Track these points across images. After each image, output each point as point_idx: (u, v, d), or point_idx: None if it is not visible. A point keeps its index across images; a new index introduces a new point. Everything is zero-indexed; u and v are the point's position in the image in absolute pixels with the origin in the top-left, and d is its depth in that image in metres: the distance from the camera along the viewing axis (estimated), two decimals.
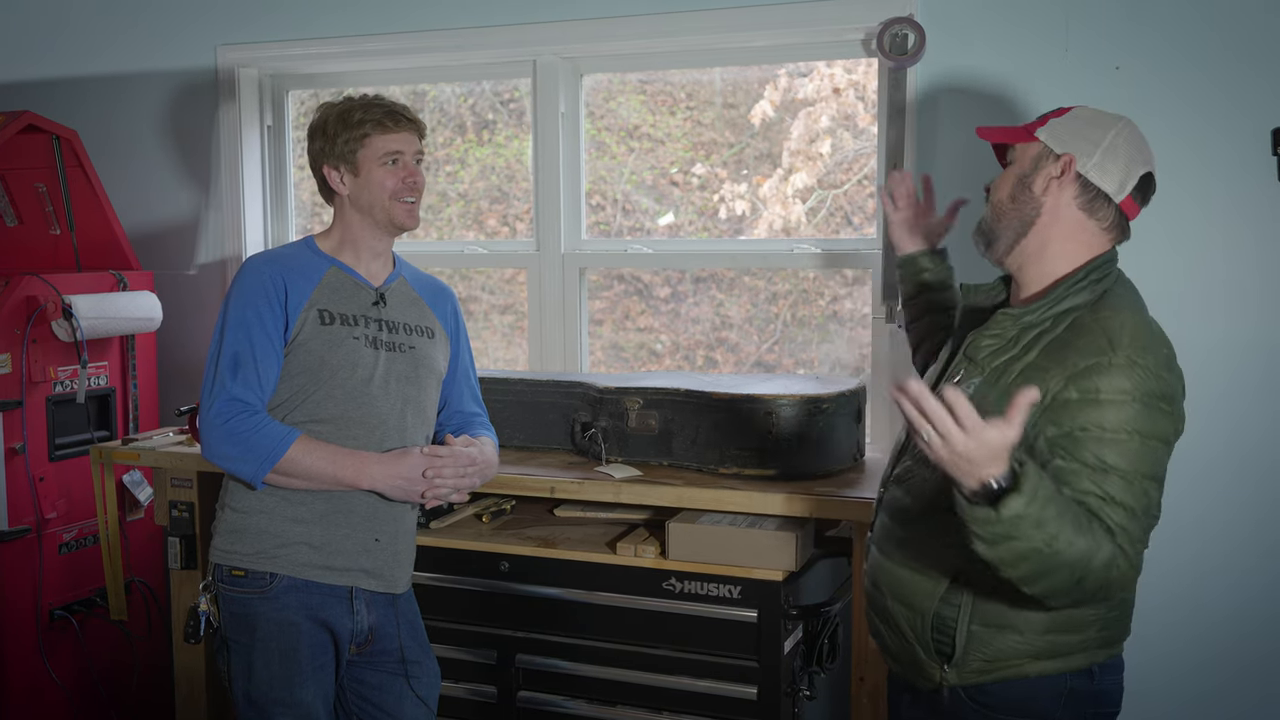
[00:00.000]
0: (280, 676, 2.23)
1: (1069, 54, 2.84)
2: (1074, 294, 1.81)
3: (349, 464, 2.21)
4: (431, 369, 2.39)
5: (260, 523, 2.25)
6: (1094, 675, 1.84)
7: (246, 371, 2.20)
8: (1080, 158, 1.84)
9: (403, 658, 2.36)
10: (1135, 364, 1.71)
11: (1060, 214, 1.86)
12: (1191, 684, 2.83)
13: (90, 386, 3.35)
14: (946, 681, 1.85)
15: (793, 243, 3.26)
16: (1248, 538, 2.78)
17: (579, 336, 3.46)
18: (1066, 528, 1.61)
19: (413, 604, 2.43)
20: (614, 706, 2.67)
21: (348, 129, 2.28)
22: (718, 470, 2.70)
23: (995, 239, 1.90)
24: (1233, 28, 2.72)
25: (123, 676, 3.48)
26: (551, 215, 3.41)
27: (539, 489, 2.73)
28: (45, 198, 3.55)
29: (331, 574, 2.26)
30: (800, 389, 2.69)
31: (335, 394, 2.25)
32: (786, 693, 2.56)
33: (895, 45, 2.93)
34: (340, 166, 2.30)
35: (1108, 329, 1.74)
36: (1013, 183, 1.88)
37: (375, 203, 2.29)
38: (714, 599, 2.56)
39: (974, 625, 1.81)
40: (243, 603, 2.25)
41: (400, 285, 2.40)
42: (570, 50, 3.34)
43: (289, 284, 2.25)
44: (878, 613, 1.98)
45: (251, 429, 2.18)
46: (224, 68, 3.65)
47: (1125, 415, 1.69)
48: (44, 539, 3.27)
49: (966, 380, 1.86)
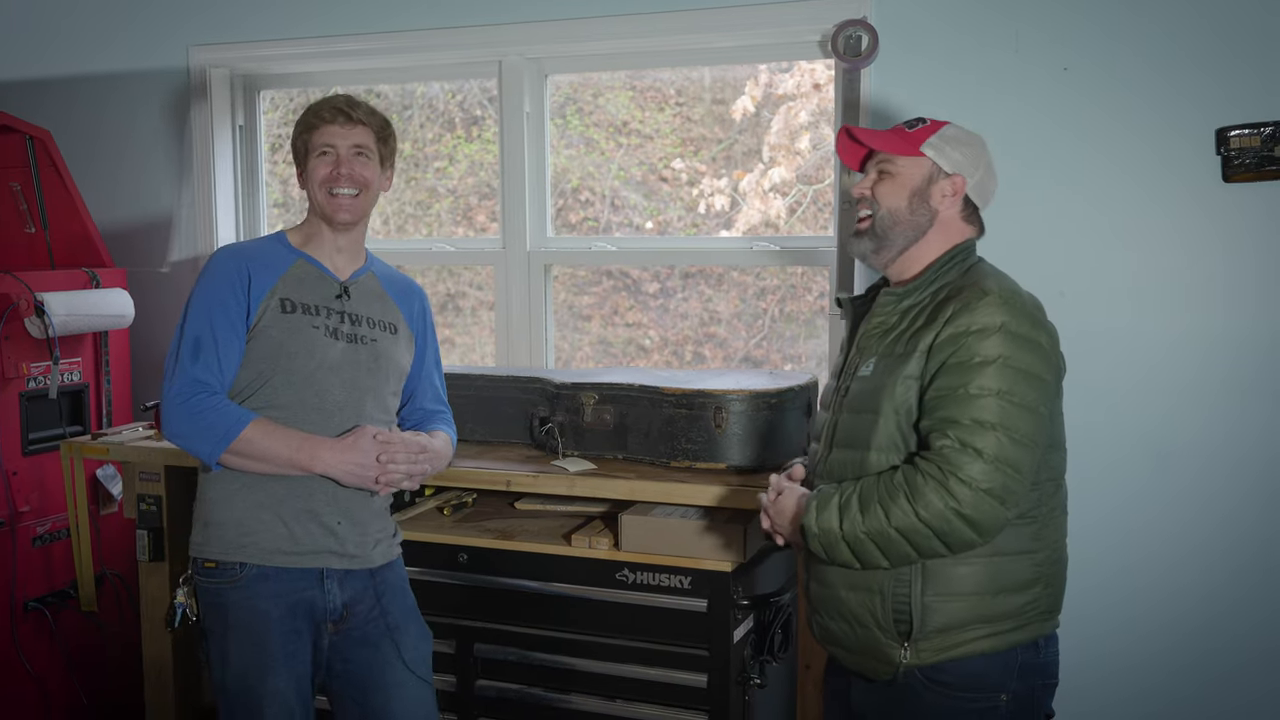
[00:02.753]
0: (254, 665, 2.27)
1: (1019, 55, 2.90)
2: (944, 274, 2.04)
3: (304, 447, 2.24)
4: (393, 363, 2.41)
5: (224, 513, 2.29)
6: (1040, 648, 1.99)
7: (207, 355, 2.24)
8: (969, 178, 2.08)
9: (388, 632, 2.37)
10: (1005, 301, 1.92)
11: (946, 222, 2.09)
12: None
13: (63, 382, 3.40)
14: (904, 662, 1.95)
15: (753, 240, 3.31)
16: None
17: (545, 333, 3.52)
18: (874, 511, 1.89)
19: (396, 572, 2.44)
20: (569, 694, 2.72)
21: (302, 124, 2.36)
22: (670, 464, 2.76)
23: (887, 245, 2.08)
24: (1179, 29, 2.77)
25: (95, 667, 3.53)
26: (517, 213, 3.46)
27: (495, 482, 2.78)
28: (19, 196, 3.60)
29: (297, 558, 2.29)
30: (750, 384, 2.75)
31: (293, 379, 2.28)
32: (737, 681, 2.61)
33: (849, 47, 2.99)
34: (300, 160, 2.38)
35: (980, 284, 1.97)
36: (909, 195, 2.07)
37: (312, 194, 2.35)
38: (666, 589, 2.62)
39: (927, 596, 1.94)
40: (216, 593, 2.29)
41: (368, 280, 2.43)
42: (535, 51, 3.39)
43: (253, 273, 2.29)
44: (826, 608, 2.06)
45: (209, 408, 2.22)
46: (196, 68, 3.70)
47: (995, 344, 1.89)
48: (17, 532, 3.32)
49: (864, 364, 2.04)
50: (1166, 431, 2.85)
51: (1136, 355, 2.86)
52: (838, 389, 2.11)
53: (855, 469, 1.98)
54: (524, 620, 2.75)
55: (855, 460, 1.99)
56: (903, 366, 1.96)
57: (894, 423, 1.95)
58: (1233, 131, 2.71)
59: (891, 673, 1.97)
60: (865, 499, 1.91)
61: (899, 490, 1.88)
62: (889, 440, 1.95)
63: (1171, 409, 2.84)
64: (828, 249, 3.18)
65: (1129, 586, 2.86)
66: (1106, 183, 2.86)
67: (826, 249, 3.18)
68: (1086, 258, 2.88)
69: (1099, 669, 2.92)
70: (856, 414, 2.01)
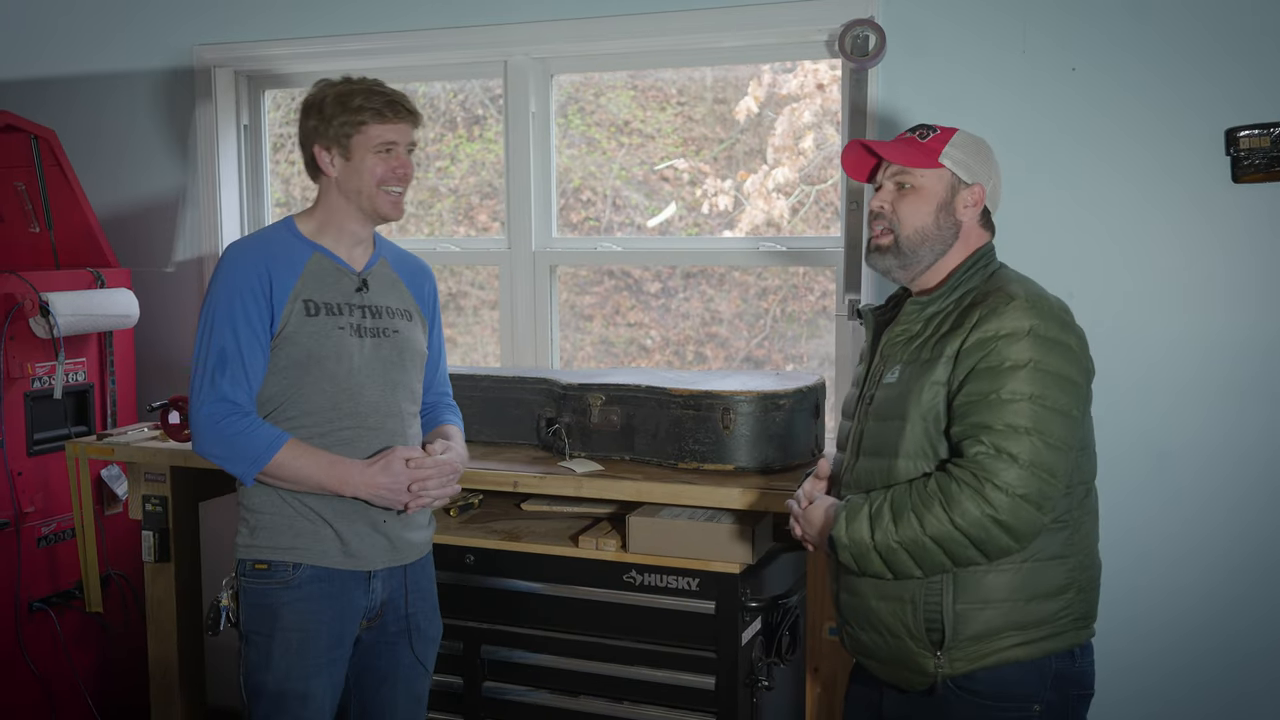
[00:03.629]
0: (297, 666, 2.25)
1: (1026, 55, 2.89)
2: (967, 279, 2.04)
3: (334, 471, 2.22)
4: (415, 351, 2.39)
5: (274, 520, 2.27)
6: (1075, 657, 1.97)
7: (234, 369, 2.20)
8: (985, 185, 2.07)
9: (407, 624, 2.38)
10: (1032, 305, 1.91)
11: (967, 231, 2.08)
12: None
13: (68, 382, 3.40)
14: (940, 672, 1.93)
15: (758, 240, 3.30)
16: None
17: (550, 333, 3.51)
18: (908, 520, 1.87)
19: (425, 569, 2.44)
20: (576, 697, 2.71)
21: (345, 112, 2.25)
22: (677, 465, 2.75)
23: (915, 262, 2.06)
24: (1188, 29, 2.76)
25: (100, 668, 3.53)
26: (522, 213, 3.45)
27: (502, 483, 2.78)
28: (24, 196, 3.59)
29: (351, 560, 2.28)
30: (758, 386, 2.74)
31: (324, 386, 2.25)
32: (745, 683, 2.60)
33: (856, 47, 2.98)
34: (332, 148, 2.27)
35: (1005, 289, 1.96)
36: (935, 210, 2.05)
37: (362, 189, 2.27)
38: (673, 591, 2.61)
39: (959, 605, 1.92)
40: (266, 594, 2.27)
41: (381, 268, 2.39)
42: (540, 50, 3.38)
43: (273, 275, 2.24)
44: (857, 619, 2.05)
45: (240, 431, 2.19)
46: (201, 67, 3.69)
47: (1025, 348, 1.87)
48: (22, 532, 3.32)
49: (889, 372, 2.02)
50: (1167, 431, 2.83)
51: (1140, 354, 2.85)
52: (861, 397, 2.09)
53: (883, 477, 1.97)
54: (531, 622, 2.74)
55: (883, 468, 1.98)
56: (929, 372, 1.95)
57: (921, 429, 1.94)
58: (1242, 132, 2.70)
59: (927, 683, 1.96)
60: (898, 508, 1.89)
61: (933, 498, 1.86)
62: (917, 447, 1.94)
63: (1171, 408, 2.83)
64: (833, 250, 3.17)
65: (1128, 586, 2.85)
66: (1115, 183, 2.85)
67: (832, 250, 3.17)
68: (1094, 258, 2.87)
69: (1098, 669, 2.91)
70: (883, 421, 1.99)
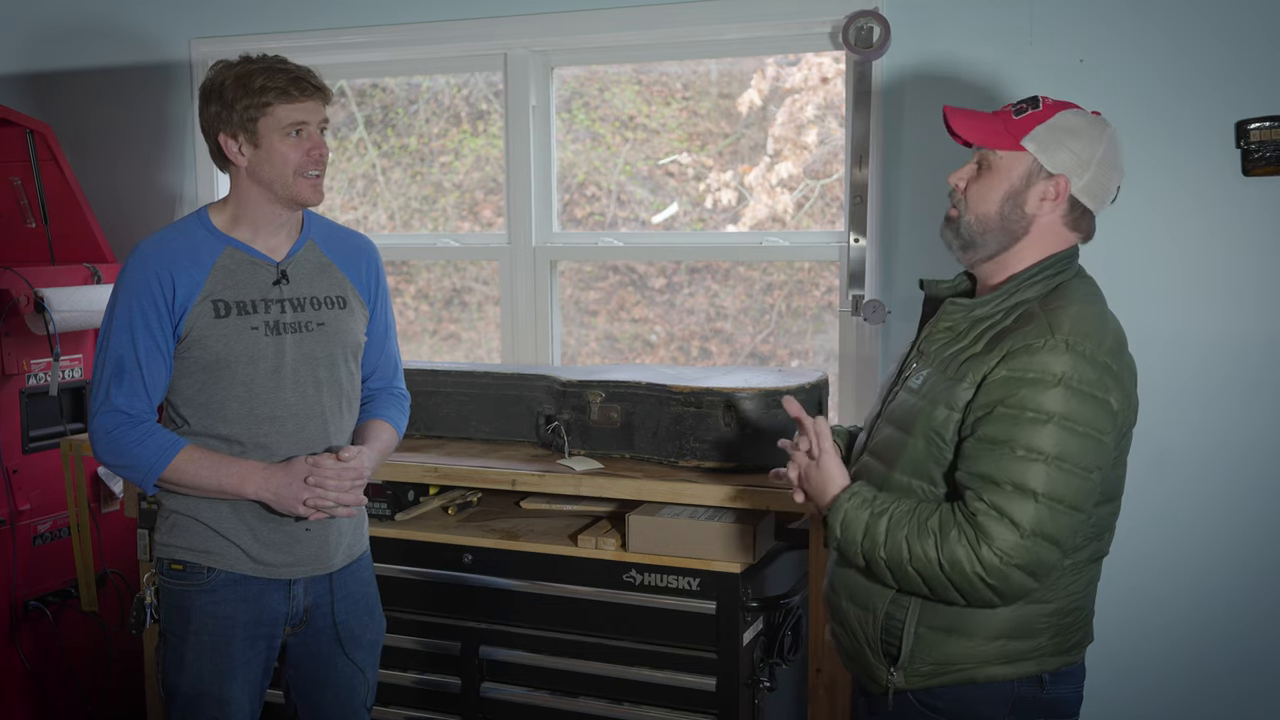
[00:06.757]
0: (210, 671, 2.19)
1: (1033, 46, 2.85)
2: (1026, 288, 1.82)
3: (232, 473, 2.13)
4: (345, 343, 2.25)
5: (190, 522, 2.20)
6: (1044, 683, 1.83)
7: (131, 379, 2.10)
8: (1073, 179, 1.81)
9: (337, 632, 2.29)
10: (1072, 348, 1.71)
11: (1045, 228, 1.84)
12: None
13: (64, 379, 3.37)
14: (893, 685, 1.86)
15: (761, 235, 3.26)
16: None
17: (551, 329, 3.47)
18: (897, 542, 1.77)
19: (356, 574, 2.34)
20: (576, 698, 2.68)
21: (248, 94, 2.08)
22: (678, 463, 2.71)
23: (977, 247, 1.86)
24: (1197, 20, 2.72)
25: (96, 667, 3.50)
26: (523, 208, 3.42)
27: (500, 481, 2.74)
28: (20, 191, 3.56)
29: (266, 569, 2.21)
30: (759, 382, 2.70)
31: (238, 391, 2.15)
32: (746, 684, 2.57)
33: (860, 38, 2.93)
34: (238, 135, 2.11)
35: (1052, 317, 1.75)
36: (1002, 197, 1.83)
37: (276, 177, 2.12)
38: (673, 591, 2.57)
39: (920, 628, 1.83)
40: (180, 595, 2.21)
41: (307, 253, 2.24)
42: (540, 43, 3.35)
43: (177, 278, 2.11)
44: (834, 614, 2.01)
45: (135, 441, 2.10)
46: (197, 61, 3.66)
47: (1055, 399, 1.69)
48: (17, 530, 3.29)
49: (917, 373, 1.89)
50: (1167, 430, 2.78)
51: (1145, 353, 2.79)
52: (889, 393, 1.97)
53: (879, 481, 1.88)
54: (529, 622, 2.70)
55: (880, 473, 1.89)
56: (949, 394, 1.78)
57: (924, 449, 1.81)
58: (1253, 124, 2.66)
59: (881, 691, 1.90)
60: (894, 526, 1.78)
61: (930, 535, 1.74)
62: (913, 466, 1.82)
63: (1172, 407, 2.77)
64: (837, 244, 3.13)
65: (1126, 585, 2.81)
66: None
67: (836, 244, 3.13)
68: (1101, 251, 2.81)
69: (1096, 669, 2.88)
70: (893, 429, 1.88)
